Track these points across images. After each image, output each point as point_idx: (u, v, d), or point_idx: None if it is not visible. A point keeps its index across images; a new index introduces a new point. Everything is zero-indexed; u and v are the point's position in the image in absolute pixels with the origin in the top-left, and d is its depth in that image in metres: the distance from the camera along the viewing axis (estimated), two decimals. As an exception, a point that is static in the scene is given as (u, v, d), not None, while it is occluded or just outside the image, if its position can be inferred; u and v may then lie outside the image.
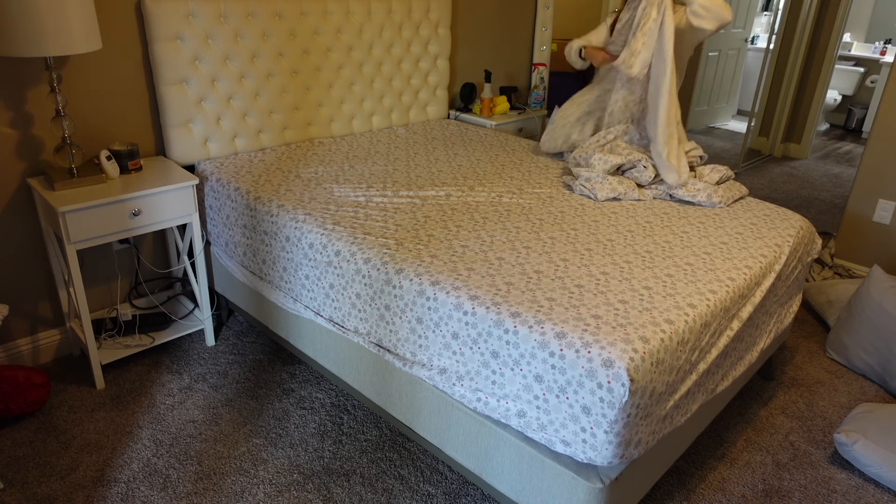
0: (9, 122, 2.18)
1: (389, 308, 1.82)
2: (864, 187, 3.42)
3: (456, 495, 1.95)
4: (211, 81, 2.55)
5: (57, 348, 2.51)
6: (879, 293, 2.57)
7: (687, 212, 2.32)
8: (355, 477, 2.00)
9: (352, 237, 1.97)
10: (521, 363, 1.54)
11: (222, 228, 2.45)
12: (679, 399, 1.61)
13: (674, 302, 1.66)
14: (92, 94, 2.35)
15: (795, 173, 5.41)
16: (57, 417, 2.20)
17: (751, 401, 2.45)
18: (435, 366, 1.75)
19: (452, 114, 3.67)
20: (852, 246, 3.53)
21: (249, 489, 1.94)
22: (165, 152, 2.57)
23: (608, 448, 1.44)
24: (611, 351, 1.43)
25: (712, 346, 1.72)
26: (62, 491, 1.90)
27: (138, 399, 2.31)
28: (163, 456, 2.05)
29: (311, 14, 2.79)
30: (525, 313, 1.57)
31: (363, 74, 3.09)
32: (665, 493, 1.99)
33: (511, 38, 3.98)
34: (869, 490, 2.06)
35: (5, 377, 2.11)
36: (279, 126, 2.84)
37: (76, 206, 2.05)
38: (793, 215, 2.34)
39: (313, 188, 2.35)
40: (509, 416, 1.59)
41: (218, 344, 2.65)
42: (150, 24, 2.34)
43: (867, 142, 3.36)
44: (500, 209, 2.23)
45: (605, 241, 2.01)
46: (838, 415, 2.40)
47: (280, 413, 2.26)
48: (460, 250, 1.89)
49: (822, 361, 2.74)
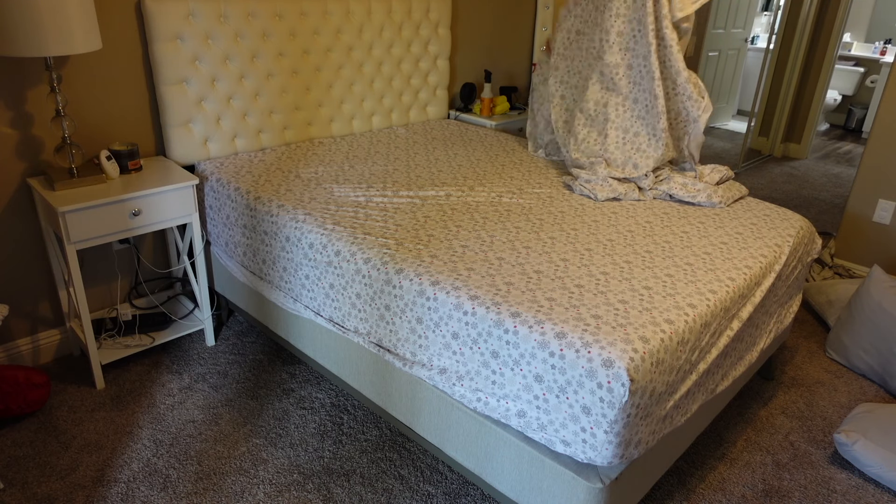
0: (9, 122, 2.18)
1: (389, 308, 1.82)
2: (864, 187, 3.42)
3: (456, 495, 1.95)
4: (211, 81, 2.55)
5: (57, 348, 2.51)
6: (879, 293, 2.57)
7: (687, 212, 2.32)
8: (355, 477, 2.00)
9: (352, 237, 1.97)
10: (521, 363, 1.54)
11: (222, 228, 2.45)
12: (679, 399, 1.61)
13: (674, 302, 1.66)
14: (92, 94, 2.35)
15: (795, 173, 5.41)
16: (57, 417, 2.20)
17: (751, 401, 2.45)
18: (435, 366, 1.75)
19: (452, 114, 3.67)
20: (852, 246, 3.53)
21: (249, 489, 1.94)
22: (165, 152, 2.57)
23: (608, 448, 1.44)
24: (611, 351, 1.43)
25: (712, 346, 1.72)
26: (62, 491, 1.90)
27: (138, 399, 2.31)
28: (163, 456, 2.05)
29: (311, 14, 2.79)
30: (525, 313, 1.57)
31: (363, 74, 3.09)
32: (665, 493, 1.99)
33: (511, 38, 3.98)
34: (869, 490, 2.06)
35: (5, 377, 2.11)
36: (279, 126, 2.84)
37: (76, 206, 2.05)
38: (793, 215, 2.34)
39: (313, 188, 2.35)
40: (509, 416, 1.59)
41: (218, 344, 2.66)
42: (150, 24, 2.34)
43: (867, 142, 3.36)
44: (500, 209, 2.23)
45: (605, 241, 2.01)
46: (838, 415, 2.40)
47: (280, 413, 2.26)
48: (460, 250, 1.89)
49: (822, 361, 2.74)
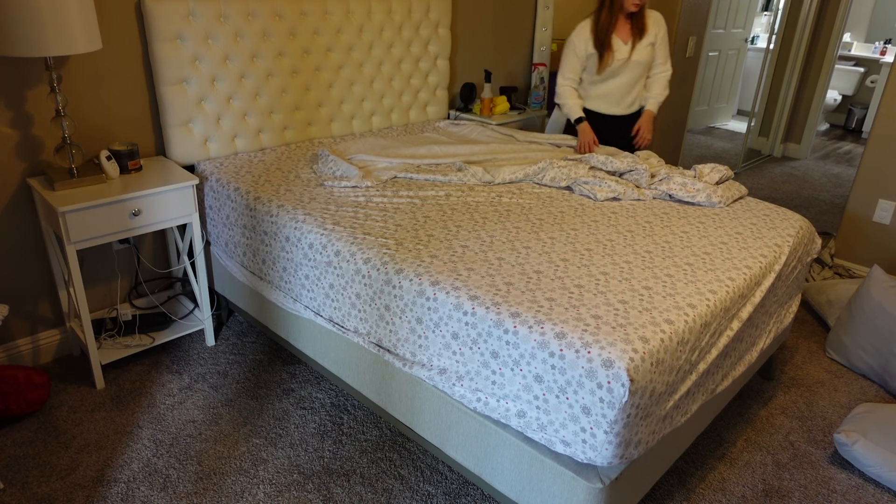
0: (9, 122, 2.18)
1: (389, 308, 1.82)
2: (864, 187, 3.42)
3: (456, 495, 1.95)
4: (211, 81, 2.55)
5: (57, 348, 2.51)
6: (879, 293, 2.57)
7: (687, 212, 2.32)
8: (355, 477, 2.00)
9: (352, 237, 1.97)
10: (521, 363, 1.54)
11: (222, 228, 2.45)
12: (679, 399, 1.61)
13: (674, 302, 1.66)
14: (92, 94, 2.35)
15: (795, 173, 5.41)
16: (57, 417, 2.20)
17: (751, 401, 2.45)
18: (435, 366, 1.75)
19: (452, 114, 3.66)
20: (852, 246, 3.53)
21: (249, 489, 1.94)
22: (165, 152, 2.57)
23: (608, 448, 1.44)
24: (611, 351, 1.43)
25: (712, 347, 1.72)
26: (62, 491, 1.90)
27: (138, 399, 2.31)
28: (163, 456, 2.05)
29: (311, 14, 2.79)
30: (525, 313, 1.57)
31: (363, 74, 3.09)
32: (665, 493, 1.99)
33: (511, 38, 3.98)
34: (869, 490, 2.06)
35: (5, 377, 2.11)
36: (279, 126, 2.84)
37: (76, 206, 2.05)
38: (793, 215, 2.34)
39: (313, 188, 2.35)
40: (509, 417, 1.59)
41: (218, 344, 2.66)
42: (150, 24, 2.34)
43: (867, 142, 3.36)
44: (500, 209, 2.23)
45: (605, 241, 2.01)
46: (838, 415, 2.40)
47: (280, 413, 2.27)
48: (460, 250, 1.89)
49: (822, 361, 2.74)
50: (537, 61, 4.13)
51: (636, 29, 2.98)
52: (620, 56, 2.98)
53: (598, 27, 2.95)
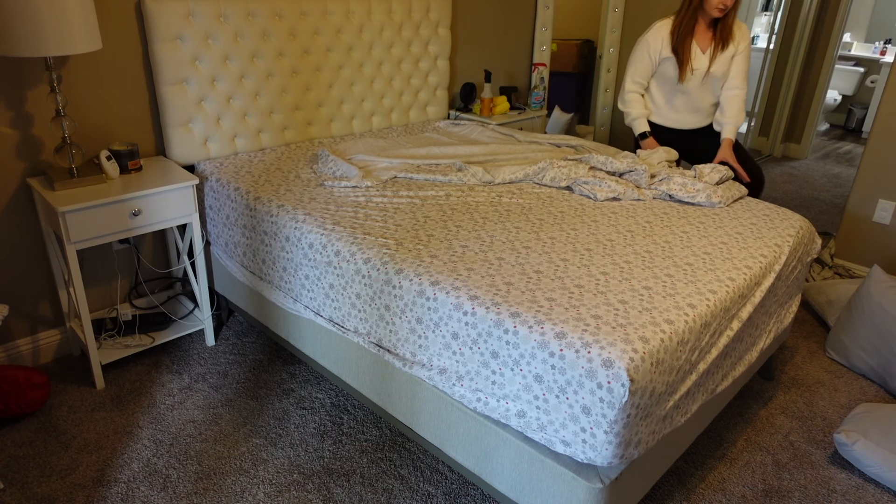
0: (9, 122, 2.18)
1: (389, 308, 1.82)
2: (864, 187, 3.42)
3: (456, 495, 1.95)
4: (211, 81, 2.55)
5: (57, 348, 2.51)
6: (879, 293, 2.57)
7: (687, 212, 2.32)
8: (355, 477, 2.00)
9: (352, 237, 1.97)
10: (521, 363, 1.54)
11: (222, 228, 2.45)
12: (679, 399, 1.61)
13: (674, 302, 1.66)
14: (92, 94, 2.35)
15: (795, 173, 5.41)
16: (57, 417, 2.20)
17: (751, 401, 2.45)
18: (435, 366, 1.75)
19: (452, 114, 3.66)
20: (852, 246, 3.53)
21: (249, 489, 1.94)
22: (165, 152, 2.57)
23: (608, 448, 1.44)
24: (611, 351, 1.43)
25: (712, 347, 1.72)
26: (62, 491, 1.90)
27: (138, 399, 2.31)
28: (163, 456, 2.05)
29: (311, 14, 2.79)
30: (525, 313, 1.57)
31: (363, 74, 3.09)
32: (665, 493, 1.99)
33: (511, 38, 3.98)
34: (869, 490, 2.06)
35: (5, 377, 2.11)
36: (279, 126, 2.84)
37: (76, 206, 2.05)
38: (793, 215, 2.34)
39: (313, 188, 2.35)
40: (509, 417, 1.59)
41: (218, 344, 2.66)
42: (150, 24, 2.34)
43: (867, 142, 3.36)
44: (500, 209, 2.23)
45: (605, 241, 2.01)
46: (838, 415, 2.40)
47: (280, 413, 2.27)
48: (460, 250, 1.89)
49: (822, 361, 2.74)
50: (537, 61, 4.13)
51: (719, 37, 2.70)
52: (698, 66, 2.72)
53: (677, 30, 2.69)
